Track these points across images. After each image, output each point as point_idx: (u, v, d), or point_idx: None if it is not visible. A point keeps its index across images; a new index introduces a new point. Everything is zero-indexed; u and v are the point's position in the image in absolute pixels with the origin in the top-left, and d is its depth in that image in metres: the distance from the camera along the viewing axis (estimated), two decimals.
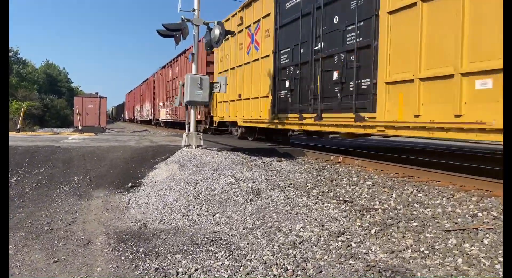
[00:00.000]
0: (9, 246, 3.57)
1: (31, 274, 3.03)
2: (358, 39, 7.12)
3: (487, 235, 3.54)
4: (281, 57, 9.89)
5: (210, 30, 8.33)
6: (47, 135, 12.57)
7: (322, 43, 8.13)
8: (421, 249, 3.33)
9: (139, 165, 6.75)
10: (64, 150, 7.19)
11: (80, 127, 22.76)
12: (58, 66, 62.30)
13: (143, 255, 3.35)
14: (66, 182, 5.90)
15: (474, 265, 3.00)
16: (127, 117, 53.39)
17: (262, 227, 4.02)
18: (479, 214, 4.22)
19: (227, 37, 11.17)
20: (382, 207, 4.71)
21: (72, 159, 6.82)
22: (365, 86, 7.00)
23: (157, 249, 3.47)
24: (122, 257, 3.32)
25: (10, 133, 12.97)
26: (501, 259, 3.04)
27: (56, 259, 3.28)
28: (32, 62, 50.61)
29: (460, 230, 3.74)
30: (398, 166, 7.06)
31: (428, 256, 3.21)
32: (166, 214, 4.56)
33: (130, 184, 5.90)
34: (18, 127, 17.86)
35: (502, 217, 4.03)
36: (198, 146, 7.92)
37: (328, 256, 3.24)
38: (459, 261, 3.07)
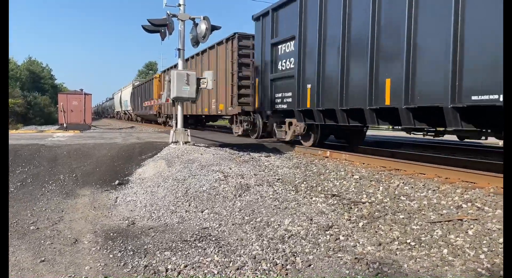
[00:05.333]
0: None
1: (18, 274, 2.99)
2: None
3: (472, 226, 3.62)
4: None
5: (196, 25, 8.25)
6: (31, 133, 12.35)
7: None
8: (408, 241, 3.39)
9: (126, 163, 6.69)
10: (49, 148, 7.08)
11: (65, 125, 22.37)
12: (41, 63, 61.16)
13: (131, 252, 3.33)
14: (52, 181, 5.82)
15: (459, 255, 3.07)
16: None
17: (251, 222, 4.03)
18: (464, 205, 4.30)
19: None
20: (369, 201, 4.76)
21: (57, 157, 6.72)
22: None
23: (145, 247, 3.45)
24: (111, 255, 3.29)
25: None
26: (485, 249, 3.11)
27: (43, 259, 3.24)
28: (15, 58, 49.47)
29: (445, 221, 3.81)
30: (384, 159, 7.14)
31: (415, 247, 3.26)
32: (155, 211, 4.54)
33: (117, 182, 5.85)
34: None
35: (486, 208, 4.12)
36: (185, 143, 7.87)
37: (317, 249, 3.27)
38: (444, 252, 3.13)
